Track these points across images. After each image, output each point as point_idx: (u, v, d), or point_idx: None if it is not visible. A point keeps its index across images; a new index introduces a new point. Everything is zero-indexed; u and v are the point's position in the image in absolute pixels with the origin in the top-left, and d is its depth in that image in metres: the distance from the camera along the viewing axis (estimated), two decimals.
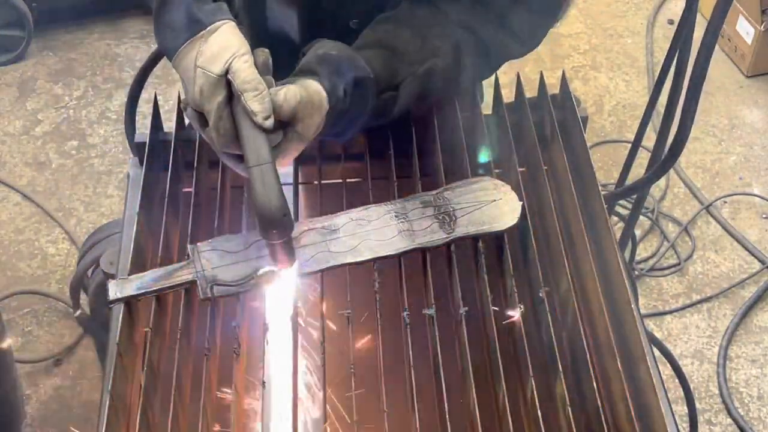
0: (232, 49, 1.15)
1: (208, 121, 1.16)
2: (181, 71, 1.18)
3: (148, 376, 1.17)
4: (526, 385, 1.19)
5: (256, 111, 1.13)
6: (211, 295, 1.24)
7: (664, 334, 2.84)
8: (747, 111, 3.57)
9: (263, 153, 1.14)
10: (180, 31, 1.17)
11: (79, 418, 2.57)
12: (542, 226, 1.42)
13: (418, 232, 1.31)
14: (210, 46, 1.15)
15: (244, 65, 1.14)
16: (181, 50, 1.17)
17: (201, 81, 1.15)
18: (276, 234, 1.17)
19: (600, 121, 3.51)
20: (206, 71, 1.14)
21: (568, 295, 1.27)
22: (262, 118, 1.14)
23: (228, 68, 1.14)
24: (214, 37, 1.16)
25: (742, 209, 3.22)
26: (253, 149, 1.14)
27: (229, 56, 1.14)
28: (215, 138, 1.17)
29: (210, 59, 1.15)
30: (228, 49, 1.15)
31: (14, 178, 3.24)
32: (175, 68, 1.19)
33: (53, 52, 3.74)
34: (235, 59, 1.14)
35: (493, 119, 1.53)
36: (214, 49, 1.15)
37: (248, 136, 1.14)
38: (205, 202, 1.44)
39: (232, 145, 1.17)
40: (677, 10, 3.90)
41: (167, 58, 1.21)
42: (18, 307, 2.83)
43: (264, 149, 1.14)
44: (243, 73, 1.14)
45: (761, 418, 2.65)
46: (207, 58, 1.15)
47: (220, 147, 1.18)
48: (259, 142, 1.14)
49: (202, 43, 1.16)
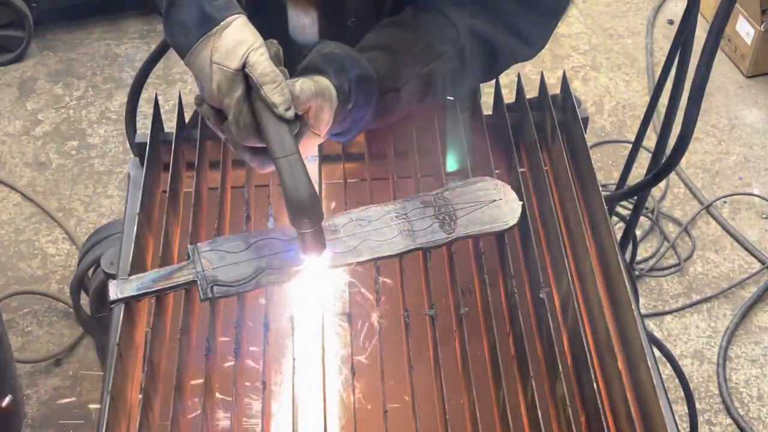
0: (247, 43, 1.15)
1: (227, 116, 1.17)
2: (195, 69, 1.18)
3: (148, 376, 1.17)
4: (526, 385, 1.19)
5: (277, 102, 1.14)
6: (211, 296, 1.24)
7: (664, 334, 2.84)
8: (747, 111, 3.57)
9: (288, 144, 1.15)
10: (192, 28, 1.17)
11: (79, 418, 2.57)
12: (543, 226, 1.42)
13: (418, 233, 1.31)
14: (224, 42, 1.15)
15: (261, 58, 1.15)
16: (195, 48, 1.17)
17: (218, 77, 1.15)
18: (307, 223, 1.17)
19: (600, 121, 3.51)
20: (223, 67, 1.15)
21: (569, 296, 1.27)
22: (284, 109, 1.15)
23: (245, 62, 1.15)
24: (228, 32, 1.16)
25: (742, 209, 3.22)
26: (278, 141, 1.15)
27: (244, 50, 1.15)
28: (235, 132, 1.17)
29: (226, 54, 1.15)
30: (243, 43, 1.15)
31: (14, 178, 3.24)
32: (189, 66, 1.19)
33: (53, 52, 3.74)
34: (251, 53, 1.15)
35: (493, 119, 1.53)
36: (229, 44, 1.15)
37: (271, 128, 1.15)
38: (205, 202, 1.44)
39: (253, 138, 1.17)
40: (677, 10, 3.91)
41: (179, 56, 1.20)
42: (18, 307, 2.83)
43: (289, 140, 1.15)
44: (260, 65, 1.14)
45: (761, 418, 2.65)
46: (222, 54, 1.15)
47: (240, 141, 1.18)
48: (283, 134, 1.15)
49: (216, 39, 1.16)
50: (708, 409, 2.67)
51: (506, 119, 1.49)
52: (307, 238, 1.20)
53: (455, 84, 1.41)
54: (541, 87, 1.53)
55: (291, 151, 1.14)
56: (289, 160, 1.14)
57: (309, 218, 1.17)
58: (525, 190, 1.39)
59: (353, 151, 1.50)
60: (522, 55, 1.46)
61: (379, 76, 1.29)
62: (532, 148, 1.46)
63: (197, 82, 1.20)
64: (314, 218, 1.17)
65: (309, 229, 1.18)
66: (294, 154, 1.14)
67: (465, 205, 1.35)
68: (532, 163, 1.48)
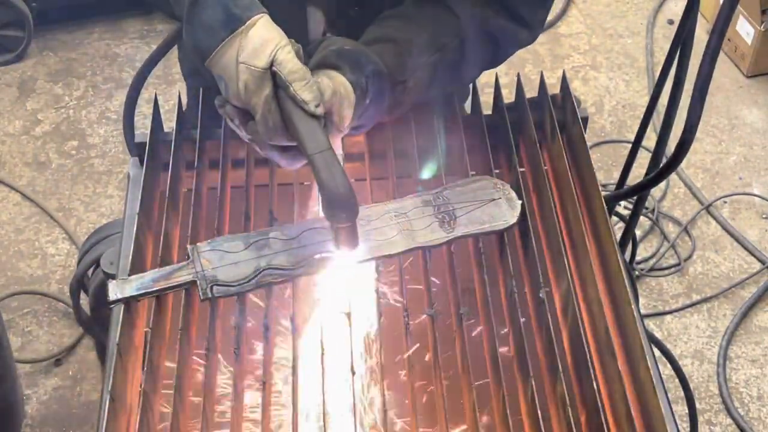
0: (274, 41, 1.15)
1: (255, 115, 1.17)
2: (219, 69, 1.18)
3: (148, 376, 1.17)
4: (527, 385, 1.19)
5: (308, 99, 1.15)
6: (211, 296, 1.24)
7: (664, 334, 2.84)
8: (747, 111, 3.57)
9: (321, 140, 1.15)
10: (217, 29, 1.16)
11: (79, 418, 2.57)
12: (543, 226, 1.42)
13: (418, 232, 1.31)
14: (251, 41, 1.15)
15: (289, 55, 1.15)
16: (220, 48, 1.17)
17: (245, 76, 1.15)
18: (345, 217, 1.18)
19: (600, 121, 3.50)
20: (250, 66, 1.15)
21: (569, 295, 1.27)
22: (314, 105, 1.15)
23: (272, 60, 1.15)
24: (254, 31, 1.16)
25: (742, 209, 3.22)
26: (311, 137, 1.15)
27: (272, 48, 1.15)
28: (263, 131, 1.17)
29: (252, 54, 1.15)
30: (270, 41, 1.15)
31: (14, 178, 3.24)
32: (212, 67, 1.19)
33: (53, 52, 3.74)
34: (278, 50, 1.15)
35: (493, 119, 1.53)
36: (255, 43, 1.15)
37: (303, 125, 1.15)
38: (205, 202, 1.44)
39: (281, 136, 1.18)
40: (677, 10, 3.90)
41: (201, 58, 1.19)
42: (18, 307, 2.83)
43: (321, 136, 1.16)
44: (289, 63, 1.15)
45: (761, 418, 2.65)
46: (249, 53, 1.15)
47: (268, 139, 1.18)
48: (316, 130, 1.16)
49: (243, 39, 1.16)
50: (708, 409, 2.67)
51: (506, 119, 1.49)
52: (343, 232, 1.20)
53: (459, 74, 1.42)
54: (541, 87, 1.53)
55: (325, 147, 1.15)
56: (323, 155, 1.14)
57: (347, 212, 1.17)
58: (525, 190, 1.39)
59: (353, 151, 1.50)
60: (524, 40, 1.47)
61: (389, 69, 1.29)
62: (532, 147, 1.46)
63: (220, 83, 1.19)
64: (351, 212, 1.18)
65: (346, 223, 1.19)
66: (329, 150, 1.15)
67: (465, 204, 1.35)
68: (532, 163, 1.48)
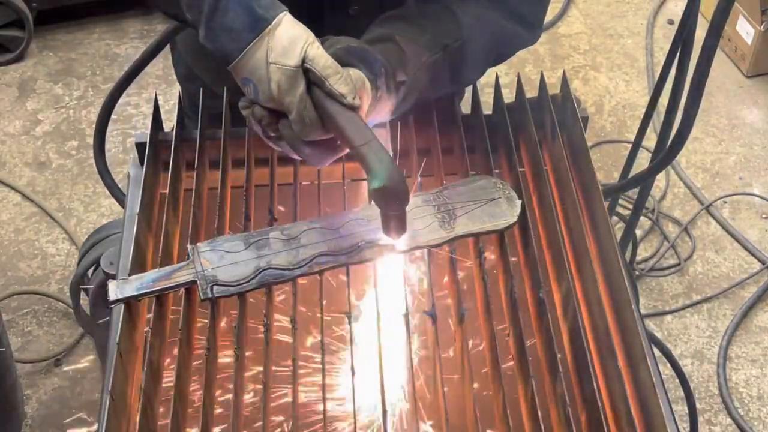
0: (302, 39, 1.15)
1: (289, 114, 1.16)
2: (247, 72, 1.16)
3: (148, 376, 1.17)
4: (527, 385, 1.19)
5: (345, 92, 1.15)
6: (211, 295, 1.24)
7: (664, 334, 2.84)
8: (747, 111, 3.57)
9: (365, 131, 1.15)
10: (242, 32, 1.15)
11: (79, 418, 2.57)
12: (543, 225, 1.42)
13: (418, 231, 1.31)
14: (279, 40, 1.15)
15: (319, 51, 1.15)
16: (247, 51, 1.15)
17: (277, 76, 1.14)
18: (398, 204, 1.18)
19: (600, 121, 3.51)
20: (282, 65, 1.14)
21: (569, 296, 1.27)
22: (351, 98, 1.15)
23: (304, 57, 1.14)
24: (281, 30, 1.15)
25: (742, 209, 3.22)
26: (355, 129, 1.15)
27: (301, 46, 1.14)
28: (300, 129, 1.16)
29: (283, 53, 1.14)
30: (298, 39, 1.15)
31: (14, 178, 3.24)
32: (238, 70, 1.17)
33: (53, 52, 3.74)
34: (308, 48, 1.15)
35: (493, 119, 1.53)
36: (284, 42, 1.14)
37: (344, 118, 1.15)
38: (205, 201, 1.44)
39: (318, 132, 1.17)
40: (677, 10, 3.91)
41: (226, 62, 1.17)
42: (18, 307, 2.83)
43: (364, 127, 1.15)
44: (321, 59, 1.15)
45: (761, 418, 2.65)
46: (279, 53, 1.14)
47: (303, 137, 1.17)
48: (358, 121, 1.16)
49: (270, 39, 1.15)
50: (708, 409, 2.67)
51: (506, 119, 1.48)
52: (394, 219, 1.20)
53: (460, 74, 1.42)
54: (541, 87, 1.53)
55: (370, 137, 1.15)
56: (371, 145, 1.14)
57: (400, 199, 1.17)
58: (525, 190, 1.39)
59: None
60: (526, 40, 1.48)
61: (393, 68, 1.29)
62: (533, 147, 1.46)
63: (246, 86, 1.17)
64: (404, 199, 1.17)
65: (398, 210, 1.19)
66: (375, 140, 1.15)
67: (465, 203, 1.35)
68: (532, 163, 1.48)
